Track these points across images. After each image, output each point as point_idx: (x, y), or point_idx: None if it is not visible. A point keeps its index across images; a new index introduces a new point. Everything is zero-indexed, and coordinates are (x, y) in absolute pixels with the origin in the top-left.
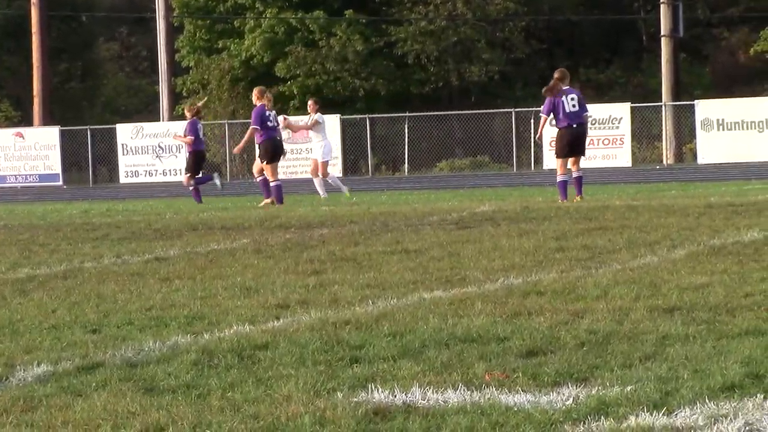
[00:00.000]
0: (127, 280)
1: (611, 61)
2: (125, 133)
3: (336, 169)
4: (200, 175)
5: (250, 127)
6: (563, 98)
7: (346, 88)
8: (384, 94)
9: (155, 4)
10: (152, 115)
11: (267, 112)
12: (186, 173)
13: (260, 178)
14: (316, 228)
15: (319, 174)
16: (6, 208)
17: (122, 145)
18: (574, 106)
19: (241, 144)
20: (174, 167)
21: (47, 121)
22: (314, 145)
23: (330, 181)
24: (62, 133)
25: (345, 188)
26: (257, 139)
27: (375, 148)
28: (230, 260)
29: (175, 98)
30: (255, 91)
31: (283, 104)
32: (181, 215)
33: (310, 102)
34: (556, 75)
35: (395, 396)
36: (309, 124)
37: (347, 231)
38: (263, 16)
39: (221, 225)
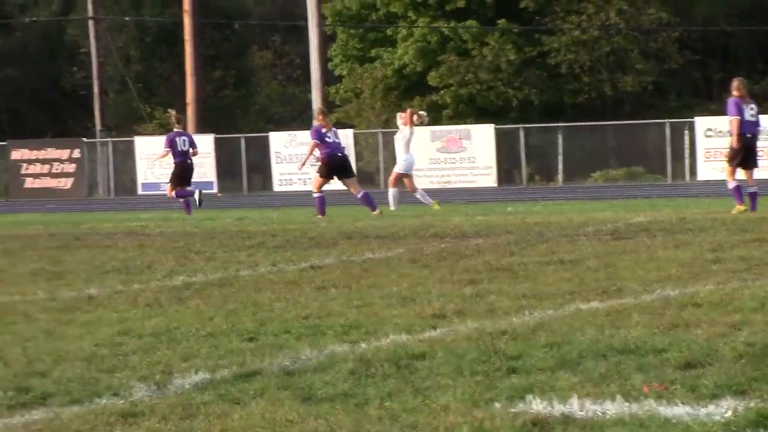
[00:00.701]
0: (283, 288)
1: (766, 72)
2: (278, 141)
3: (490, 179)
4: (187, 188)
5: (311, 143)
6: (744, 107)
7: (499, 98)
8: (537, 103)
9: (308, 13)
10: (305, 124)
11: (324, 130)
12: (168, 184)
13: (361, 193)
14: (472, 237)
15: (403, 186)
16: (161, 215)
17: (275, 153)
18: (752, 116)
19: (306, 159)
20: None
21: (201, 129)
22: (398, 156)
23: (418, 195)
24: (216, 141)
25: (430, 201)
26: (320, 155)
27: (529, 157)
28: (386, 269)
29: (329, 107)
30: (316, 110)
31: (435, 113)
32: (336, 224)
33: (408, 111)
34: (736, 83)
35: (553, 407)
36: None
37: (503, 241)
38: (416, 25)
39: (376, 234)
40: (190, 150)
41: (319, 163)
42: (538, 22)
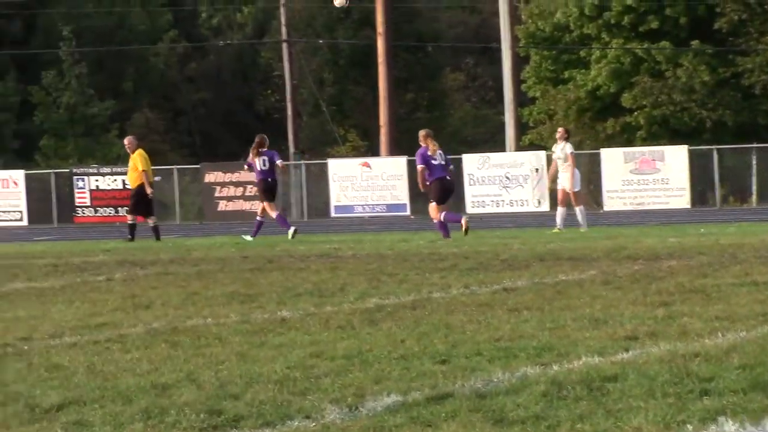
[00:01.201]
0: (475, 310)
1: None
2: (472, 163)
3: (684, 201)
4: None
5: (419, 168)
6: None
7: (693, 119)
8: (731, 125)
9: (501, 35)
10: (498, 146)
11: (430, 153)
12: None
13: (443, 214)
14: (664, 259)
15: (572, 204)
16: (354, 237)
17: (468, 175)
18: None
19: (420, 183)
20: (521, 198)
21: (394, 151)
22: (563, 174)
23: (578, 211)
24: (409, 163)
25: (584, 225)
26: (427, 180)
27: (723, 179)
28: (578, 291)
29: (522, 128)
30: (421, 134)
31: (628, 135)
32: (529, 246)
33: (560, 130)
34: None
35: (746, 429)
36: (563, 155)
37: (695, 263)
38: (609, 46)
39: (569, 256)
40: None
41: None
42: (732, 42)
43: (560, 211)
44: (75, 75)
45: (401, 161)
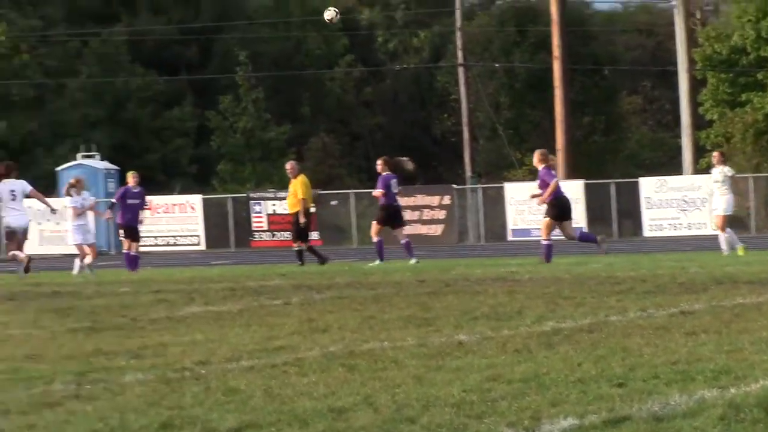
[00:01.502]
0: (652, 333)
1: None
2: (649, 186)
3: None
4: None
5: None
6: None
7: None
8: None
9: (677, 58)
10: (675, 169)
11: (553, 171)
12: (377, 225)
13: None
14: None
15: (725, 229)
16: (531, 261)
17: (645, 198)
18: None
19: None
20: (699, 221)
21: (571, 174)
22: (720, 198)
23: (726, 234)
24: (586, 187)
25: (739, 244)
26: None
27: None
28: (756, 314)
29: (699, 152)
30: (536, 155)
31: None
32: (707, 269)
33: (715, 154)
34: None
35: None
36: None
37: None
38: None
39: (747, 279)
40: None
41: (548, 207)
42: None
43: (722, 236)
44: (252, 100)
45: (578, 184)
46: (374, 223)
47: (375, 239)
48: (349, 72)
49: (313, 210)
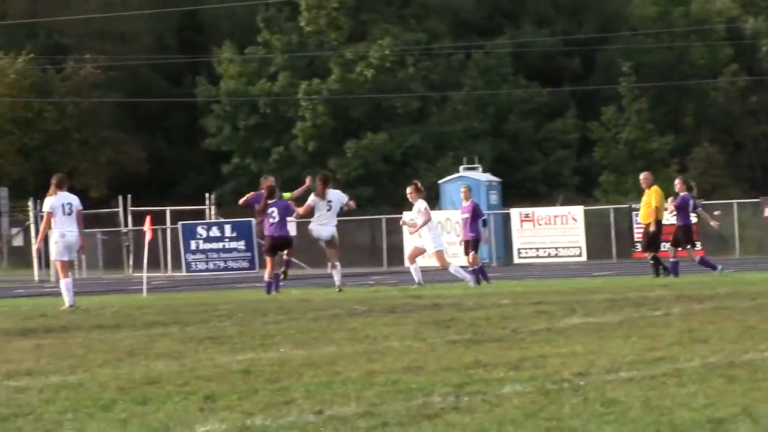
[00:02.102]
0: None
1: None
2: None
3: None
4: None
5: None
6: None
7: None
8: None
9: None
10: None
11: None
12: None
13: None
14: None
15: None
16: None
17: None
18: None
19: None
20: None
21: None
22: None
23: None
24: None
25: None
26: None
27: None
28: None
29: None
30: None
31: None
32: None
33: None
34: None
35: None
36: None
37: None
38: None
39: None
40: None
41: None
42: None
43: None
44: (635, 110)
45: None
46: None
47: None
48: (734, 81)
49: (666, 221)
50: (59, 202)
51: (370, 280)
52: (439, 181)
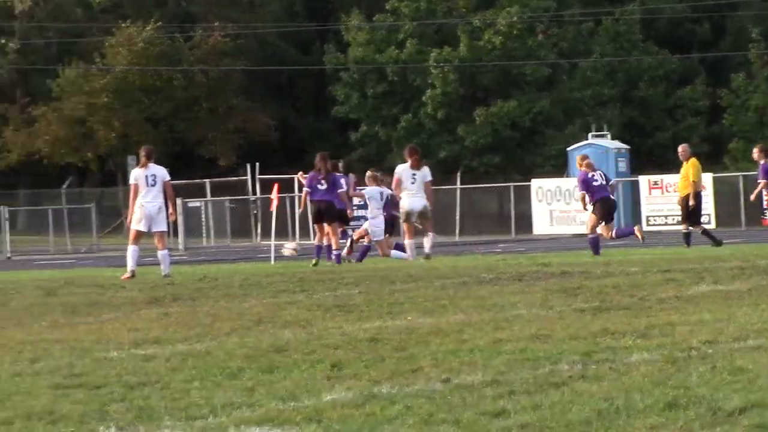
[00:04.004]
0: None
1: None
2: None
3: None
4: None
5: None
6: None
7: None
8: None
9: None
10: None
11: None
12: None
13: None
14: None
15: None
16: None
17: None
18: None
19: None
20: None
21: None
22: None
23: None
24: None
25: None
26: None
27: None
28: None
29: None
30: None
31: None
32: None
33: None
34: None
35: None
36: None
37: None
38: None
39: None
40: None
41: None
42: None
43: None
44: (765, 77)
45: None
46: None
47: None
48: None
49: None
50: (144, 173)
51: (497, 248)
52: (568, 149)
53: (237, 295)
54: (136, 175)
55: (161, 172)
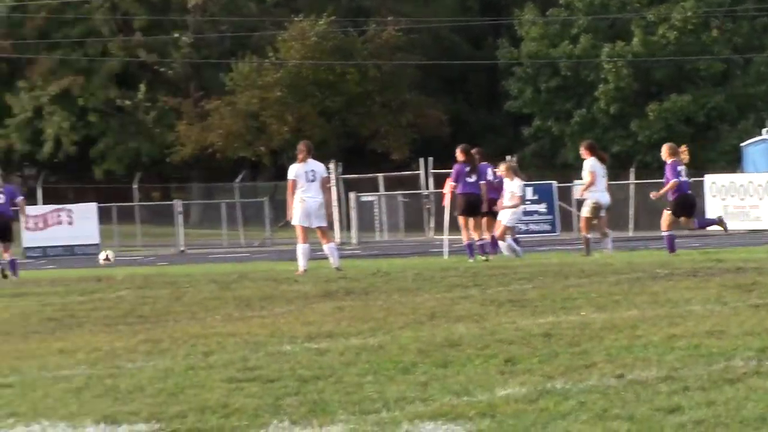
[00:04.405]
0: None
1: None
2: None
3: None
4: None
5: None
6: None
7: None
8: None
9: None
10: None
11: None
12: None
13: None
14: None
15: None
16: None
17: None
18: None
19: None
20: None
21: None
22: None
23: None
24: None
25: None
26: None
27: None
28: None
29: None
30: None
31: None
32: None
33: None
34: None
35: None
36: None
37: None
38: None
39: None
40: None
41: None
42: None
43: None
44: None
45: None
46: None
47: None
48: None
49: None
50: (303, 169)
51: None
52: (741, 144)
53: (410, 290)
54: (295, 170)
55: (320, 168)
